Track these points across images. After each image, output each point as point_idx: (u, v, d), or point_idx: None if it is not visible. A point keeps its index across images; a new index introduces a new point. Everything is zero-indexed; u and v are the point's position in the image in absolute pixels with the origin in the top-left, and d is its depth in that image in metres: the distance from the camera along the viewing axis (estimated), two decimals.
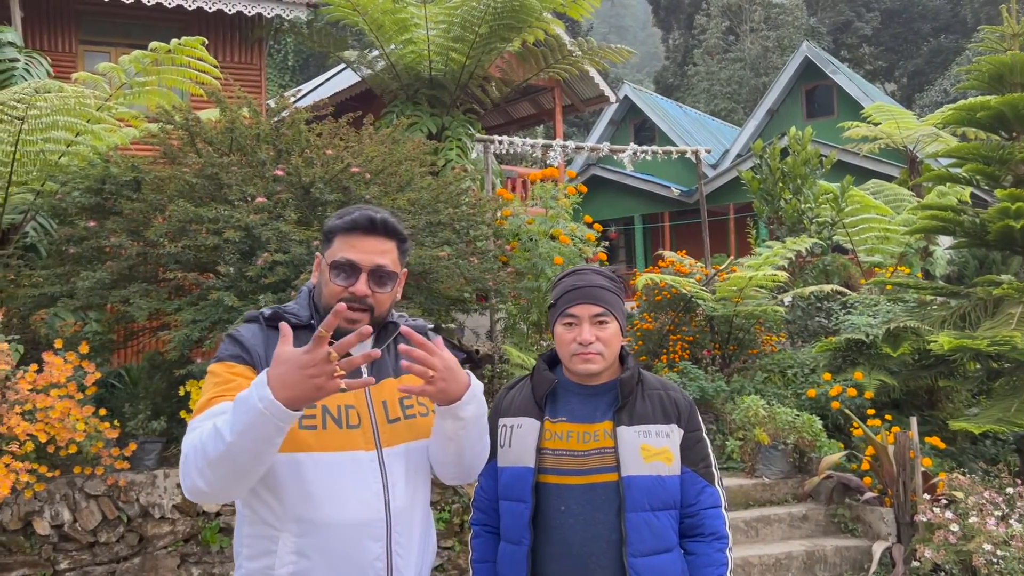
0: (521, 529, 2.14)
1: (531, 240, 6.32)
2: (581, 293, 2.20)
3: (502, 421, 2.27)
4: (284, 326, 1.65)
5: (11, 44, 7.85)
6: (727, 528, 2.20)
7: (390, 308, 2.03)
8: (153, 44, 5.92)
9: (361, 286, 1.92)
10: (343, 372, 1.61)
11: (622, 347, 2.29)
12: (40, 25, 9.43)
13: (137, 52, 5.84)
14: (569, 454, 2.16)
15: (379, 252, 1.95)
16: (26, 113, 5.36)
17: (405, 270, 2.09)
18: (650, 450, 2.15)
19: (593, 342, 2.16)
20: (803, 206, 8.92)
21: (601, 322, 2.18)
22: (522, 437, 2.20)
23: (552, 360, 2.32)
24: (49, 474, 4.40)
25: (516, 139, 8.46)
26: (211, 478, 1.69)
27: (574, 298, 2.20)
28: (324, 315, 1.93)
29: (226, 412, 1.71)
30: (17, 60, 7.75)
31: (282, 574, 1.81)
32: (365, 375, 1.95)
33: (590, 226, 7.03)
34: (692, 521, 2.17)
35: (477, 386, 1.91)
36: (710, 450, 2.27)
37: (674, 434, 2.19)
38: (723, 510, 2.21)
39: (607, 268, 2.38)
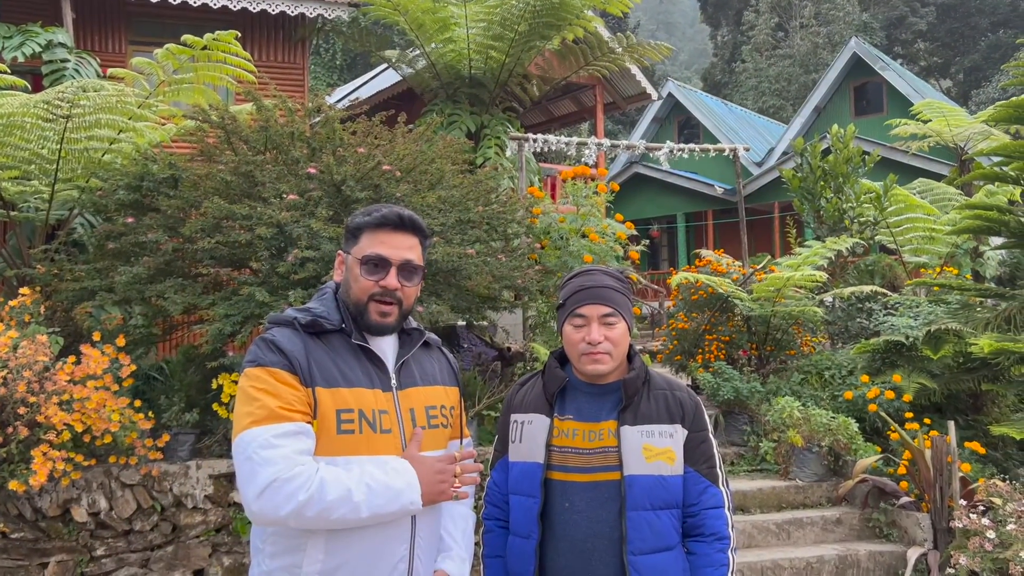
0: (530, 524, 2.17)
1: (561, 238, 6.31)
2: (590, 293, 2.21)
3: (514, 417, 2.31)
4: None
5: (62, 45, 8.09)
6: (730, 529, 2.18)
7: (415, 302, 2.10)
8: (186, 37, 6.01)
9: (392, 280, 1.98)
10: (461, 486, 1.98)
11: (630, 347, 2.30)
12: (90, 26, 9.70)
13: (171, 45, 5.94)
14: (575, 452, 2.17)
15: (407, 247, 2.02)
16: (70, 111, 5.52)
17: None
18: (652, 450, 2.15)
19: (602, 342, 2.17)
20: (844, 205, 8.75)
21: (609, 322, 2.19)
22: (532, 433, 2.23)
23: (563, 358, 2.33)
24: (85, 463, 4.53)
25: (550, 137, 8.46)
26: (312, 525, 1.80)
27: (583, 298, 2.21)
28: (354, 311, 2.00)
29: (301, 435, 1.82)
30: (67, 60, 8.00)
31: (310, 572, 1.84)
32: (394, 381, 2.01)
33: (623, 224, 6.99)
34: (693, 521, 2.17)
35: None
36: (716, 451, 2.26)
37: (678, 434, 2.19)
38: (726, 511, 2.20)
39: (615, 269, 2.38)
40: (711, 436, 2.26)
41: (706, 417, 2.27)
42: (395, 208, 2.04)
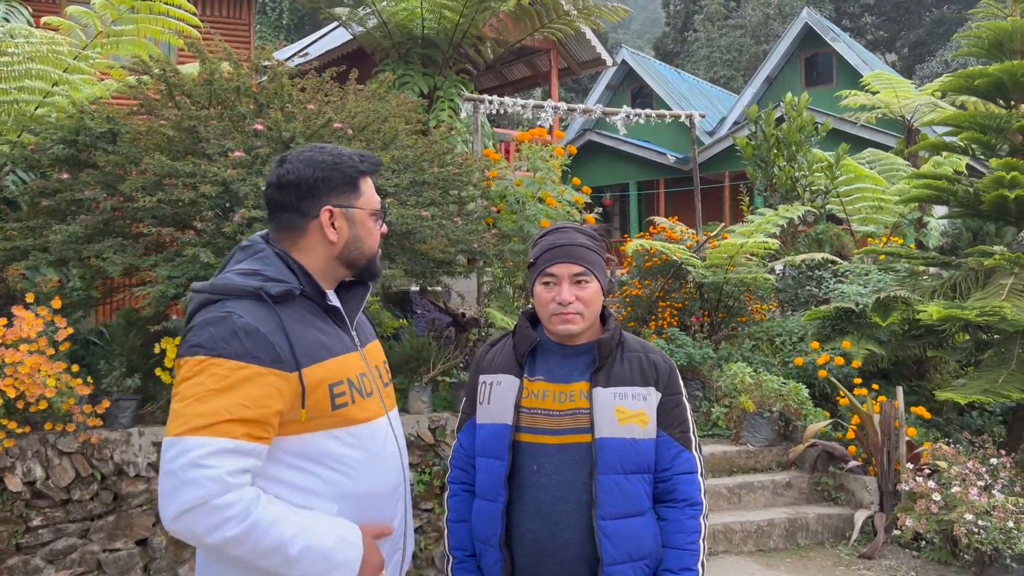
0: (497, 486, 2.09)
1: (518, 202, 6.20)
2: (561, 252, 2.13)
3: (482, 378, 2.23)
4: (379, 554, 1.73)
5: None
6: (702, 495, 2.13)
7: None
8: None
9: (383, 226, 1.92)
10: None
11: (604, 308, 2.23)
12: None
13: None
14: (544, 413, 2.11)
15: None
16: None
17: None
18: (625, 412, 2.09)
19: (573, 302, 2.10)
20: (797, 173, 8.80)
21: (581, 281, 2.12)
22: (501, 394, 2.15)
23: (534, 318, 2.25)
24: (19, 430, 4.32)
25: (507, 99, 8.30)
26: (233, 558, 1.58)
27: (554, 257, 2.13)
28: (364, 267, 1.86)
29: (240, 454, 1.54)
30: None
31: None
32: (357, 339, 1.88)
33: (579, 189, 6.90)
34: (665, 486, 2.11)
35: None
36: (689, 415, 2.19)
37: (651, 397, 2.12)
38: (699, 476, 2.14)
39: (590, 226, 2.30)
40: (685, 400, 2.20)
41: (680, 381, 2.21)
42: (369, 153, 1.92)
